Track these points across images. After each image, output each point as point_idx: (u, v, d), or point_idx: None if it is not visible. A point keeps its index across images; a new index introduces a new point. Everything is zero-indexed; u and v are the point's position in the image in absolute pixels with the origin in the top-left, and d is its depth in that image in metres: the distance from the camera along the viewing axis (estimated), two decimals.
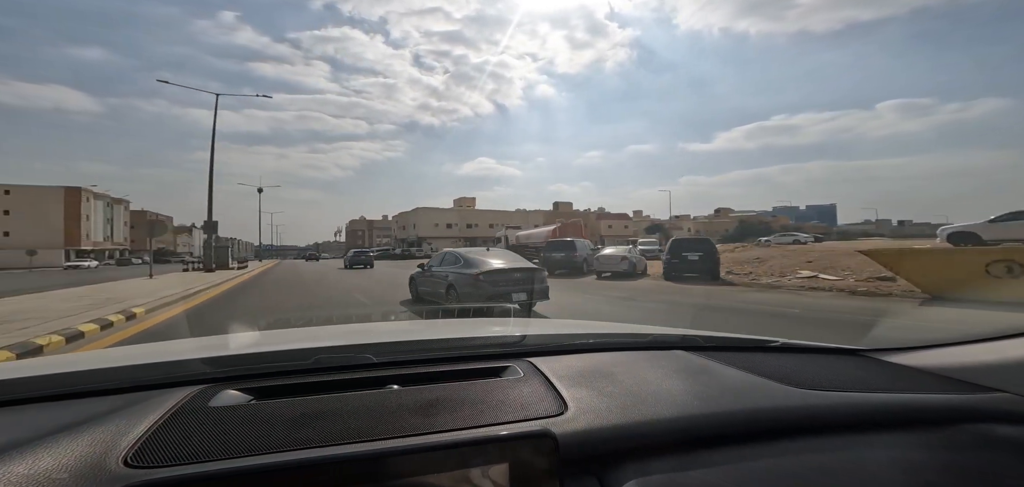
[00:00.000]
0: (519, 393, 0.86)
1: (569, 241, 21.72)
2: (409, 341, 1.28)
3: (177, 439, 0.67)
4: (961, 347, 1.01)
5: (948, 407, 0.88)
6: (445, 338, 1.29)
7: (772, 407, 0.87)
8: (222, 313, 9.00)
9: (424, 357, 1.06)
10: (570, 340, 1.28)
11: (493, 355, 1.09)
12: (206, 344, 1.30)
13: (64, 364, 1.02)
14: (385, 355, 1.04)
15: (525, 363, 1.01)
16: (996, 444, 0.82)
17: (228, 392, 0.84)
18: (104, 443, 0.65)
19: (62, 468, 0.59)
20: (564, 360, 1.06)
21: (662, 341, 1.25)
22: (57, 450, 0.62)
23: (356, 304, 10.22)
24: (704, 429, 0.80)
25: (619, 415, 0.80)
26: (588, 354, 1.13)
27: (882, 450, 0.79)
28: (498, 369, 0.99)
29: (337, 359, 1.00)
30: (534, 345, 1.16)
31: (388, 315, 7.62)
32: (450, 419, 0.75)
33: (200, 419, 0.73)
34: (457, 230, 77.88)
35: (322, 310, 8.97)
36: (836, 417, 0.86)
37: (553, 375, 0.94)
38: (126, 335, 6.67)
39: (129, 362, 1.00)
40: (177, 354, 1.09)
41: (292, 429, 0.70)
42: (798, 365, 1.07)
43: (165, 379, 0.90)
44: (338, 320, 5.33)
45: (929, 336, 1.08)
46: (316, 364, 0.98)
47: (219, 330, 1.74)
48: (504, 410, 0.79)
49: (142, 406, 0.77)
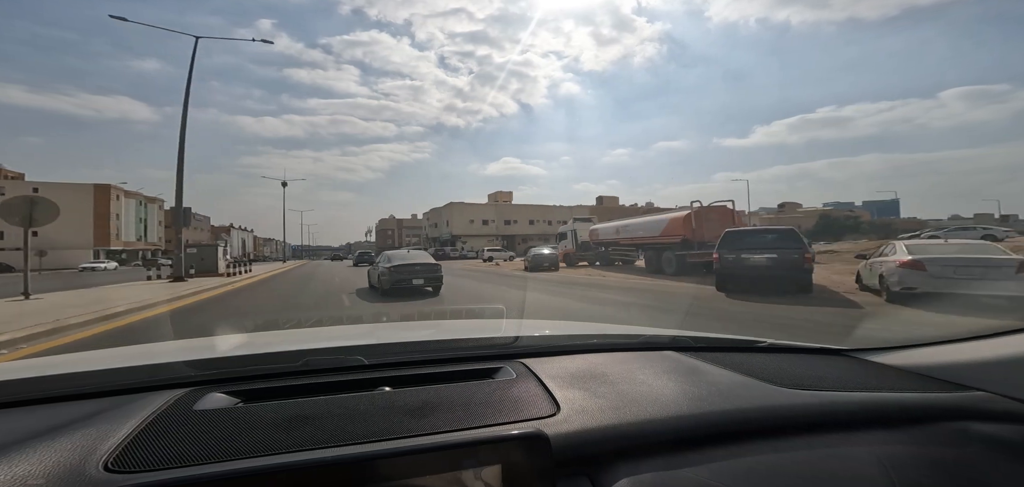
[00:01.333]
0: (512, 394, 0.86)
1: (778, 232, 10.68)
2: (400, 342, 1.27)
3: (160, 443, 0.65)
4: (941, 347, 1.03)
5: (929, 405, 0.90)
6: (437, 340, 1.32)
7: (760, 406, 0.87)
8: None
9: (416, 359, 1.05)
10: (562, 341, 1.30)
11: (485, 356, 1.08)
12: (191, 346, 1.33)
13: (42, 367, 0.99)
14: (376, 357, 1.03)
15: (518, 364, 1.01)
16: (974, 441, 0.84)
17: (214, 395, 0.83)
18: (83, 448, 0.63)
19: (39, 474, 0.57)
20: (556, 361, 1.06)
21: (653, 342, 1.26)
22: (34, 455, 0.61)
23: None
24: (694, 429, 0.80)
25: (611, 416, 0.79)
26: (580, 355, 1.13)
27: (866, 448, 0.80)
28: (491, 370, 0.99)
29: (327, 361, 0.99)
30: (526, 346, 1.17)
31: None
32: (442, 420, 0.74)
33: (185, 423, 0.71)
34: (494, 227, 71.40)
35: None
36: (822, 416, 0.87)
37: (545, 376, 0.94)
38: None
39: (111, 365, 0.99)
40: (161, 356, 1.08)
41: (280, 432, 0.69)
42: (785, 365, 1.09)
43: (148, 382, 0.88)
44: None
45: (910, 336, 1.10)
46: (305, 366, 0.96)
47: None
48: (497, 411, 0.79)
49: (124, 410, 0.76)
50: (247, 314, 9.50)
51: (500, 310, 3.46)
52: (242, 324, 6.69)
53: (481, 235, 66.80)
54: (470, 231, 68.90)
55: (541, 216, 74.74)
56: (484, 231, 69.62)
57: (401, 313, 8.09)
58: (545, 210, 76.62)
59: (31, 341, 6.32)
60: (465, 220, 71.05)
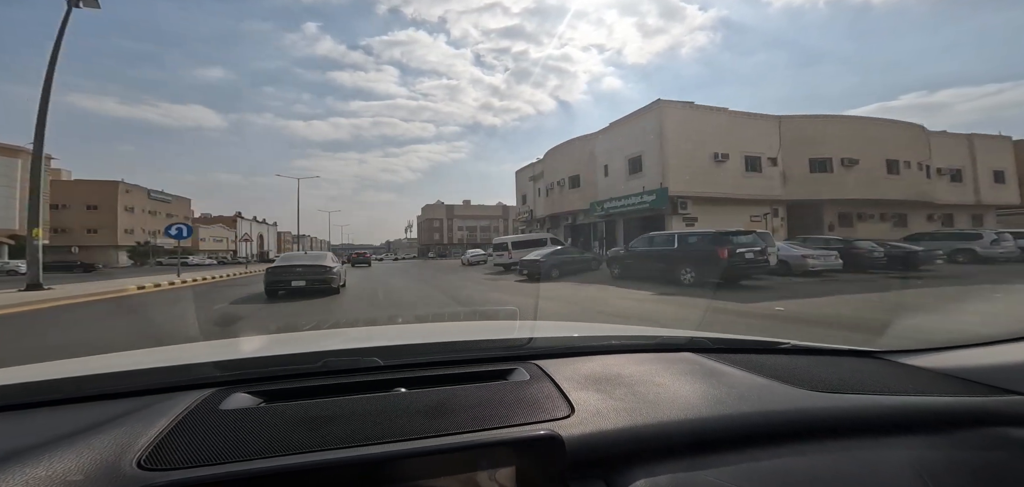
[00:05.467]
0: (525, 396, 0.85)
1: None
2: (415, 344, 1.27)
3: (190, 441, 0.68)
4: (978, 349, 1.00)
5: (965, 410, 0.87)
6: (451, 341, 1.31)
7: (782, 409, 0.84)
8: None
9: (430, 360, 1.05)
10: (576, 342, 1.28)
11: (499, 357, 1.08)
12: (216, 347, 1.38)
13: (78, 368, 1.03)
14: (392, 358, 1.04)
15: (531, 366, 1.00)
16: (1013, 447, 0.81)
17: (239, 395, 0.85)
18: (118, 445, 0.66)
19: (77, 470, 0.60)
20: (570, 363, 1.05)
21: (669, 343, 1.24)
22: (72, 452, 0.64)
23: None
24: (712, 431, 0.78)
25: (626, 417, 0.78)
26: (594, 356, 1.12)
27: (897, 452, 0.78)
28: (504, 371, 0.99)
29: (344, 362, 1.01)
30: (540, 348, 1.16)
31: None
32: (457, 422, 0.74)
33: (212, 422, 0.74)
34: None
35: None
36: (849, 420, 0.84)
37: (559, 378, 0.93)
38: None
39: (142, 365, 1.04)
40: (188, 357, 1.11)
41: (302, 431, 0.70)
42: (809, 367, 1.06)
43: (177, 382, 0.91)
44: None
45: (947, 338, 1.06)
46: (324, 367, 0.97)
47: None
48: (511, 413, 0.78)
49: (155, 409, 0.79)
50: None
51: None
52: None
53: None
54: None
55: None
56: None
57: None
58: None
59: None
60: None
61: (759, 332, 4.19)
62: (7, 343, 5.95)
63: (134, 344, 3.22)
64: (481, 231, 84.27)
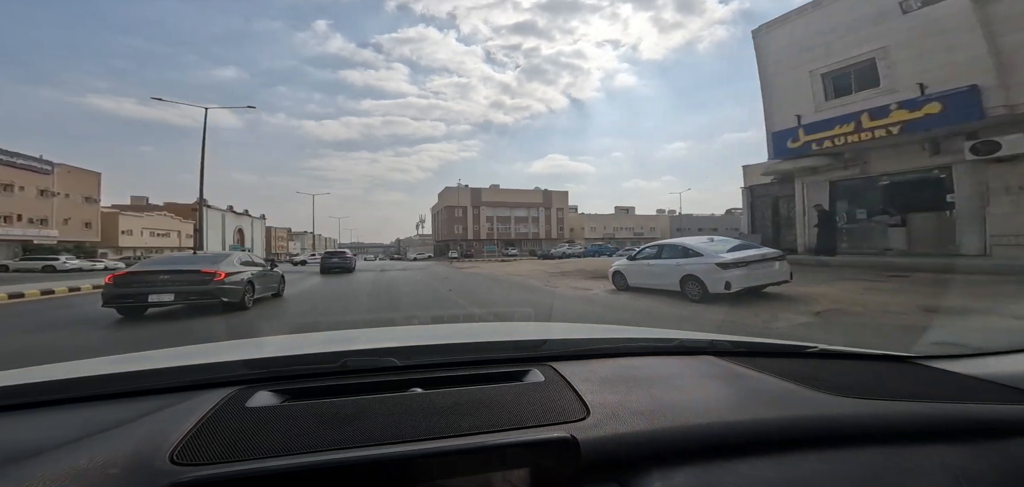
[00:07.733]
0: (541, 397, 0.85)
1: None
2: (431, 345, 1.27)
3: (218, 438, 0.70)
4: (1017, 356, 0.98)
5: (1004, 418, 0.84)
6: (466, 342, 1.32)
7: (808, 415, 0.82)
8: None
9: (446, 360, 1.06)
10: (592, 344, 1.27)
11: (514, 359, 1.08)
12: (242, 346, 1.47)
13: (114, 365, 1.08)
14: (408, 358, 1.05)
15: (547, 367, 1.00)
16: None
17: (263, 393, 0.87)
18: (152, 440, 0.69)
19: (114, 463, 0.63)
20: (586, 364, 1.05)
21: (689, 346, 1.22)
22: (110, 446, 0.68)
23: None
24: (734, 436, 0.76)
25: (643, 421, 0.77)
26: (611, 359, 1.11)
27: (932, 460, 0.76)
28: (519, 373, 0.98)
29: (363, 362, 1.04)
30: (555, 349, 1.16)
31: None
32: (472, 422, 0.75)
33: (238, 419, 0.76)
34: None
35: None
36: (880, 426, 0.81)
37: (575, 379, 0.93)
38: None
39: (173, 363, 1.07)
40: (215, 356, 1.15)
41: (324, 430, 0.72)
42: (838, 372, 1.04)
43: (206, 380, 0.94)
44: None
45: (984, 343, 1.04)
46: (343, 366, 1.00)
47: None
48: (526, 414, 0.78)
49: (186, 405, 0.81)
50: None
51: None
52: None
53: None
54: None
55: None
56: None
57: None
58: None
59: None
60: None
61: None
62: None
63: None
64: (516, 222, 70.13)
